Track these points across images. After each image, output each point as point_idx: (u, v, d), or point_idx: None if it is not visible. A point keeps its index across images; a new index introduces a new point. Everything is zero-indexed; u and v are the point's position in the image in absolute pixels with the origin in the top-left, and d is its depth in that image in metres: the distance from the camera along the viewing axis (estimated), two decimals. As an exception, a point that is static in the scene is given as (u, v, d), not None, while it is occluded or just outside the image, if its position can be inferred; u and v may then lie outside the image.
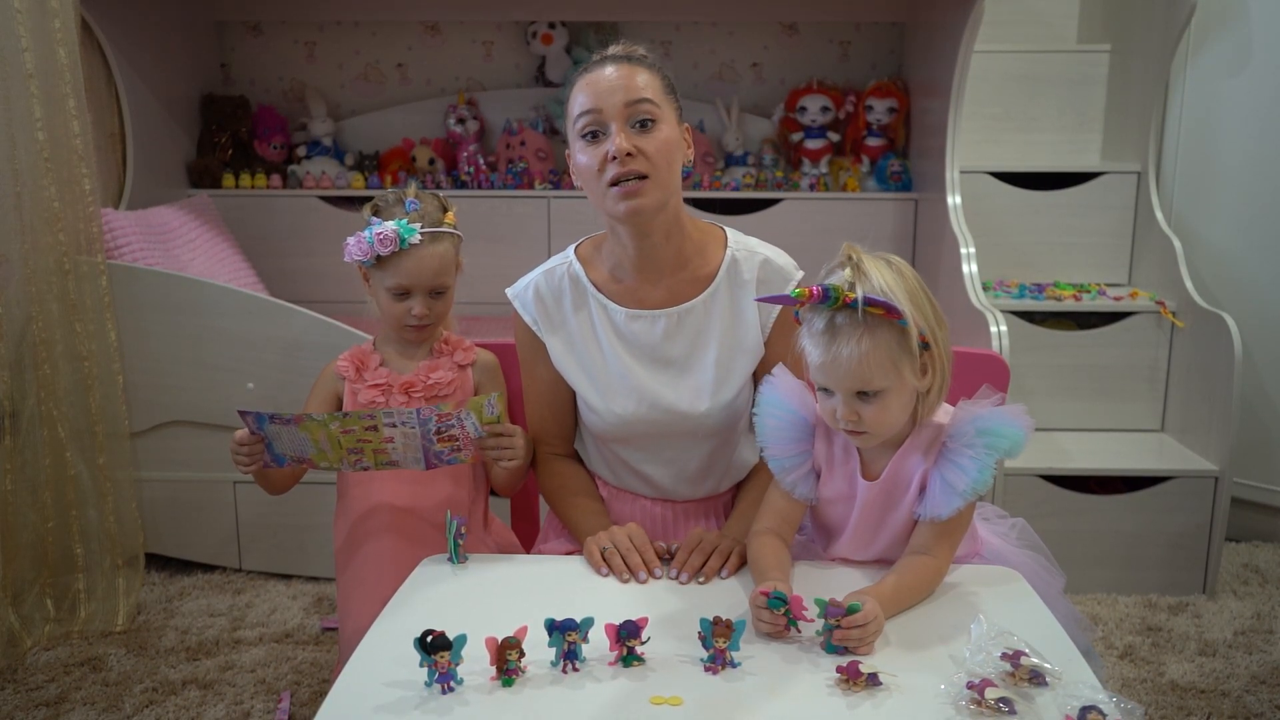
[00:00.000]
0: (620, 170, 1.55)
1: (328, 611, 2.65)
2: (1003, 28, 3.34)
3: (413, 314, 1.79)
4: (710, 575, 1.50)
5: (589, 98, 1.57)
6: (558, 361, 1.72)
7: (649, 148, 1.55)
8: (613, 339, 1.69)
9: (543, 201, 3.43)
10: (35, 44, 2.47)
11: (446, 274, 1.80)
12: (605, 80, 1.57)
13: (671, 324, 1.68)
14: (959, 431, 1.44)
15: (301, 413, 1.63)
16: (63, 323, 2.57)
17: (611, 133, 1.55)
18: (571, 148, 1.63)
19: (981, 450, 1.41)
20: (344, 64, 3.66)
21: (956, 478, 1.42)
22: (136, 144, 3.15)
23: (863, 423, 1.41)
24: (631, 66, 1.59)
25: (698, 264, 1.69)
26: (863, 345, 1.37)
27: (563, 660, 1.25)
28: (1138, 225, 3.22)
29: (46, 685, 2.31)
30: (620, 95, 1.55)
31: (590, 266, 1.71)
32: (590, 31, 3.58)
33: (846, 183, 3.42)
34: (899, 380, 1.40)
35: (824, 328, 1.39)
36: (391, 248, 1.75)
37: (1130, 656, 2.46)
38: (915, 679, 1.21)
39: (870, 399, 1.40)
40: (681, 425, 1.69)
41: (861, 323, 1.37)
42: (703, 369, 1.68)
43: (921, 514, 1.45)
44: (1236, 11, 3.05)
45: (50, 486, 2.57)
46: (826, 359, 1.39)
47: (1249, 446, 3.03)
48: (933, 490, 1.44)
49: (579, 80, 1.61)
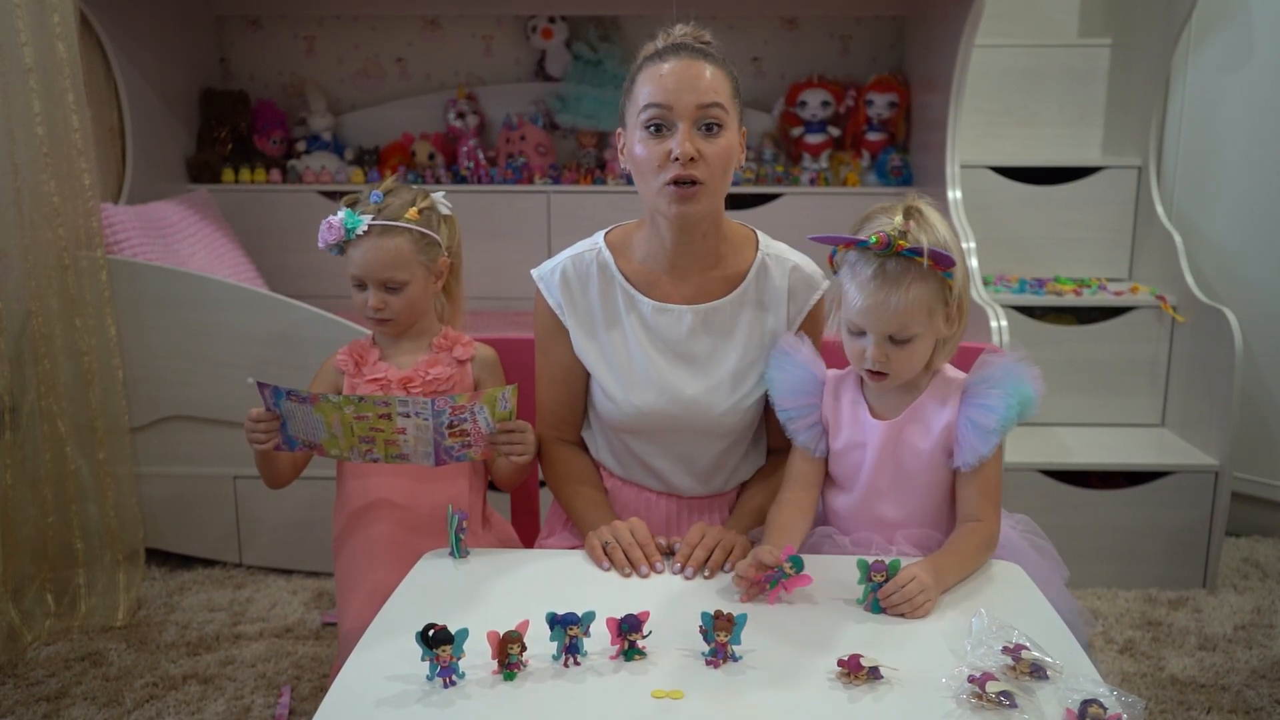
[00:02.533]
0: (681, 173, 1.54)
1: (328, 606, 2.65)
2: (1003, 22, 3.33)
3: (369, 305, 1.80)
4: (715, 569, 1.50)
5: (659, 91, 1.54)
6: (578, 347, 1.72)
7: (711, 154, 1.55)
8: (638, 330, 1.69)
9: (543, 196, 3.42)
10: (34, 39, 2.46)
11: (398, 269, 1.78)
12: (677, 75, 1.54)
13: (698, 321, 1.68)
14: (984, 376, 1.53)
15: (318, 393, 1.63)
16: (62, 318, 2.56)
17: (678, 132, 1.54)
18: (628, 133, 1.61)
19: (1009, 388, 1.50)
20: (343, 58, 3.65)
21: (985, 417, 1.50)
22: (136, 139, 3.15)
23: (890, 364, 1.49)
24: (703, 62, 1.57)
25: (729, 263, 1.69)
26: (910, 293, 1.45)
27: (564, 654, 1.25)
28: (1138, 220, 3.21)
29: (47, 680, 2.31)
30: (692, 96, 1.53)
31: (620, 255, 1.71)
32: (590, 26, 3.57)
33: (847, 177, 3.42)
34: (931, 327, 1.49)
35: (873, 273, 1.46)
36: (337, 237, 1.76)
37: (1130, 651, 2.46)
38: (916, 672, 1.22)
39: (902, 343, 1.48)
40: (698, 422, 1.69)
41: (912, 271, 1.44)
42: (724, 368, 1.68)
43: (963, 463, 1.52)
44: (1237, 6, 3.05)
45: (50, 481, 2.57)
46: (873, 302, 1.46)
47: (1249, 441, 3.03)
48: (965, 435, 1.51)
49: (649, 67, 1.58)
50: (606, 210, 3.30)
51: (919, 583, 1.36)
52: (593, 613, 1.26)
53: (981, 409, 1.51)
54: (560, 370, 1.75)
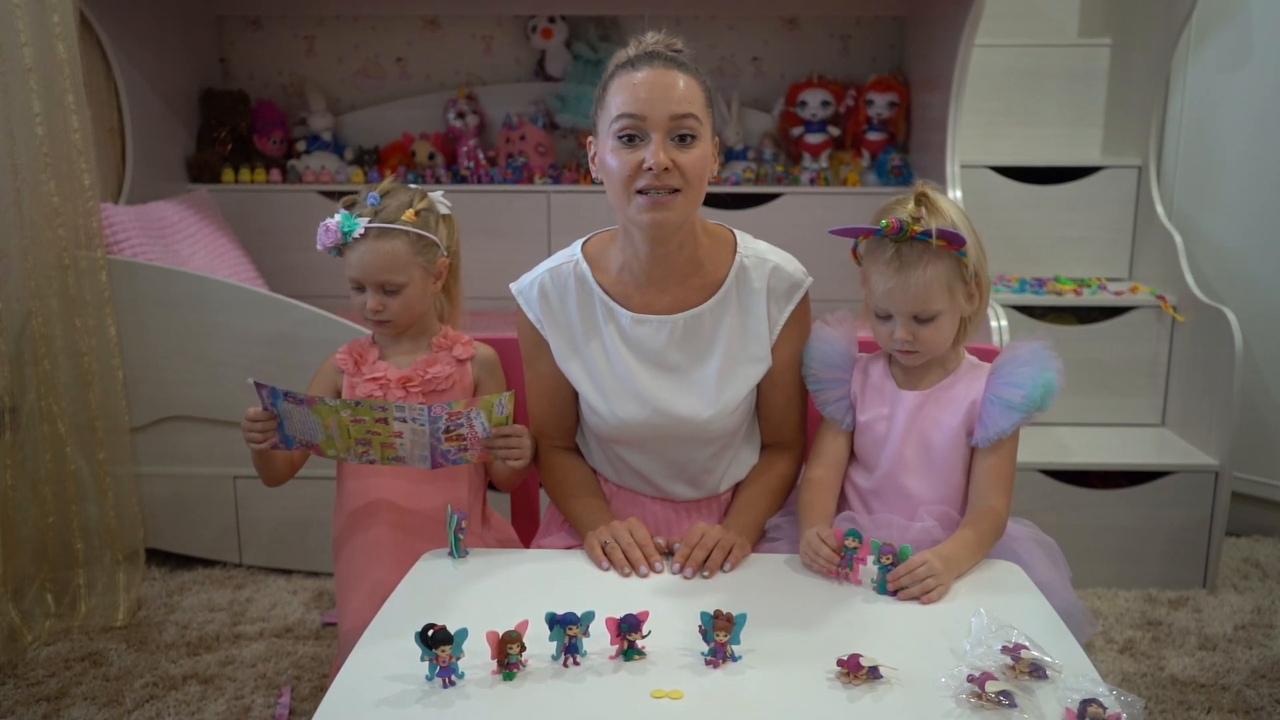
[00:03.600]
0: (654, 182, 1.53)
1: (328, 606, 2.65)
2: (1003, 22, 3.33)
3: (367, 308, 1.79)
4: (714, 569, 1.50)
5: (633, 101, 1.53)
6: (560, 361, 1.71)
7: (685, 163, 1.54)
8: (617, 342, 1.68)
9: (543, 196, 3.42)
10: (34, 39, 2.46)
11: (395, 271, 1.77)
12: (650, 85, 1.53)
13: (677, 330, 1.67)
14: (1014, 355, 1.62)
15: (315, 395, 1.63)
16: (62, 318, 2.56)
17: (651, 142, 1.53)
18: (600, 142, 1.59)
19: (1038, 367, 1.59)
20: (343, 58, 3.65)
21: (1012, 394, 1.58)
22: (136, 139, 3.15)
23: (918, 342, 1.58)
24: (676, 71, 1.55)
25: (707, 270, 1.68)
26: (928, 272, 1.54)
27: (563, 654, 1.25)
28: (1138, 220, 3.21)
29: (47, 680, 2.31)
30: (665, 106, 1.52)
31: (597, 267, 1.69)
32: (590, 26, 3.57)
33: (847, 177, 3.42)
34: (952, 303, 1.58)
35: (890, 258, 1.56)
36: (334, 239, 1.76)
37: (1130, 651, 2.46)
38: (916, 672, 1.22)
39: (926, 322, 1.57)
40: (684, 430, 1.68)
41: (927, 252, 1.54)
42: (706, 376, 1.67)
43: (982, 438, 1.60)
44: (1237, 6, 3.05)
45: (50, 482, 2.57)
46: (894, 284, 1.55)
47: (1249, 441, 3.03)
48: (989, 410, 1.60)
49: (621, 76, 1.56)
50: (606, 210, 3.24)
51: (929, 567, 1.41)
52: (592, 612, 1.26)
53: (1009, 385, 1.59)
54: (547, 382, 1.74)
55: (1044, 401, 1.59)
